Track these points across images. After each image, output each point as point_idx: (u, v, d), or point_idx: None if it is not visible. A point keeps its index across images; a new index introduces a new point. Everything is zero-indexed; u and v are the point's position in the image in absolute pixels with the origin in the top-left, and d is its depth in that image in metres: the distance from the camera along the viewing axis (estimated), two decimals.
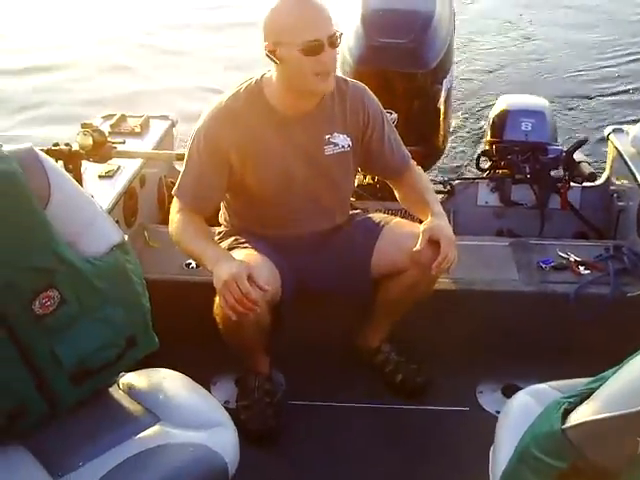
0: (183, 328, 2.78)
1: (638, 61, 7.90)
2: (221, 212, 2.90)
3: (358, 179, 3.90)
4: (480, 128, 5.89)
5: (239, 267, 2.38)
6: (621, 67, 7.79)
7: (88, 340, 1.92)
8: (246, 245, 2.70)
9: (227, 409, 2.09)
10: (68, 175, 2.13)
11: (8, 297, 1.82)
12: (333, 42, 2.45)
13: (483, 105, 6.52)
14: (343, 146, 2.70)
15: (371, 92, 2.77)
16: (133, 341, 2.01)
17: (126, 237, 2.07)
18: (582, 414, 1.59)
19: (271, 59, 2.50)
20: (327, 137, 2.67)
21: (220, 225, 2.92)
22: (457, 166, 5.46)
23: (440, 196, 3.97)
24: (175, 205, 2.69)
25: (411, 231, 2.73)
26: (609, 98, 7.02)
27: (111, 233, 2.05)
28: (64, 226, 1.93)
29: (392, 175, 2.89)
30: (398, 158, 2.83)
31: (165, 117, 3.99)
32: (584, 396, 1.67)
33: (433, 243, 2.60)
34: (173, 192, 2.72)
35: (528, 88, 6.93)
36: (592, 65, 7.84)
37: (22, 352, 1.85)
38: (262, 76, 2.64)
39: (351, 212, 2.98)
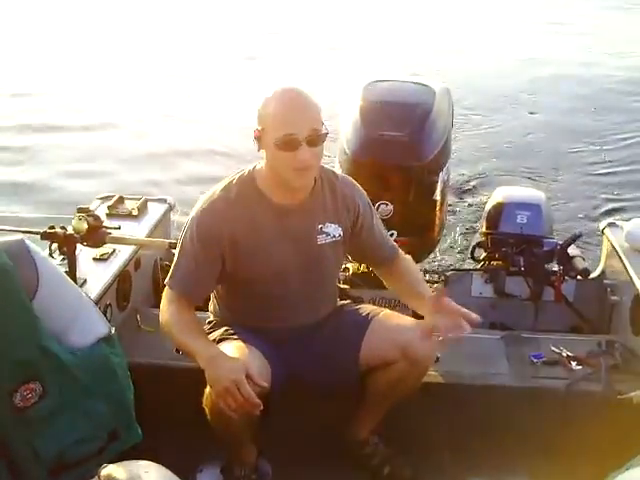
0: (170, 413, 2.77)
1: (633, 156, 8.01)
2: (211, 301, 2.91)
3: (353, 267, 3.93)
4: (476, 219, 5.94)
5: (238, 370, 2.36)
6: (619, 157, 7.90)
7: (68, 434, 1.90)
8: (236, 337, 2.70)
9: None
10: (57, 267, 2.14)
11: None
12: (312, 140, 2.46)
13: (480, 197, 6.58)
14: (334, 235, 2.73)
15: (359, 186, 2.84)
16: (115, 435, 2.00)
17: (113, 330, 2.07)
18: None
19: (255, 144, 2.55)
20: (319, 227, 2.70)
21: (209, 312, 2.94)
22: (452, 256, 5.49)
23: (435, 286, 4.00)
24: (166, 295, 2.69)
25: (400, 324, 2.75)
26: (606, 192, 7.09)
27: (98, 325, 2.05)
28: (50, 318, 1.93)
29: (382, 263, 2.93)
30: (387, 248, 2.89)
31: (163, 200, 4.03)
32: None
33: (424, 336, 2.63)
34: (165, 282, 2.73)
35: (525, 180, 7.06)
36: (590, 157, 7.95)
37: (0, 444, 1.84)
38: (254, 167, 2.68)
39: (340, 302, 2.99)
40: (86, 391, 1.94)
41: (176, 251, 2.72)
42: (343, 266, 3.83)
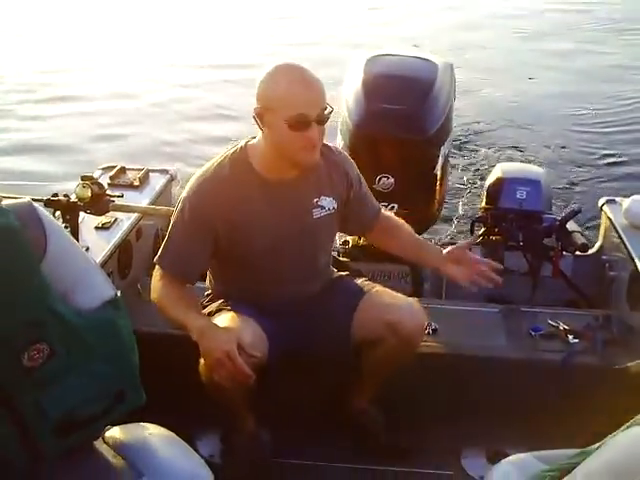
0: (171, 381, 2.79)
1: (633, 132, 8.01)
2: (207, 274, 2.92)
3: (352, 240, 3.95)
4: (476, 195, 5.95)
5: (229, 340, 2.37)
6: (618, 137, 7.92)
7: (75, 393, 1.91)
8: (232, 308, 2.71)
9: (212, 463, 2.10)
10: (65, 230, 2.16)
11: None
12: (321, 119, 2.47)
13: (480, 172, 6.60)
14: (329, 209, 2.73)
15: (349, 158, 2.86)
16: (121, 396, 2.01)
17: (119, 293, 2.08)
18: None
19: (257, 123, 2.53)
20: (315, 200, 2.70)
21: (206, 284, 2.95)
22: (451, 231, 5.52)
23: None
24: (157, 272, 2.68)
25: (390, 302, 2.78)
26: (605, 168, 7.12)
27: (104, 288, 2.06)
28: (58, 280, 1.94)
29: (366, 229, 2.99)
30: (372, 213, 2.94)
31: (165, 171, 4.03)
32: (564, 471, 1.68)
33: (415, 312, 2.72)
34: (155, 260, 2.71)
35: (526, 155, 7.06)
36: (591, 135, 7.96)
37: (6, 403, 1.85)
38: (246, 143, 2.66)
39: (337, 274, 3.01)
40: (93, 352, 1.95)
41: (168, 230, 2.71)
42: (343, 239, 3.85)
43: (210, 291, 2.92)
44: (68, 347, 1.91)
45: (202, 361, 2.55)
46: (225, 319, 2.61)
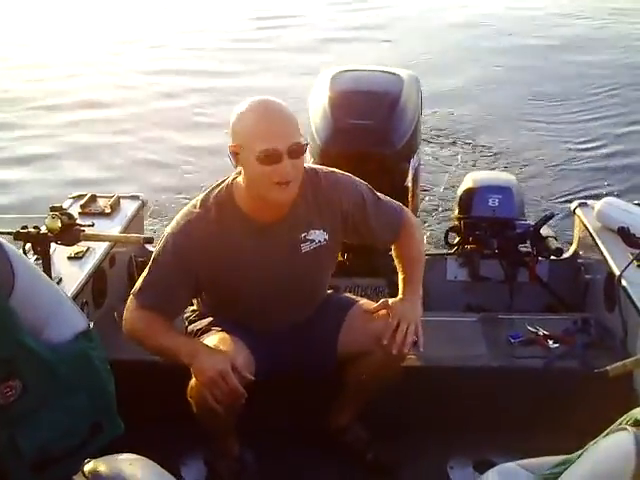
0: (152, 409, 2.76)
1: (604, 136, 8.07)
2: None
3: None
4: (449, 204, 5.96)
5: (223, 362, 2.38)
6: (587, 141, 7.97)
7: (50, 428, 1.88)
8: (220, 328, 2.69)
9: None
10: (32, 264, 2.13)
11: None
12: (294, 152, 2.40)
13: (451, 182, 6.62)
14: (319, 241, 2.67)
15: (342, 177, 2.76)
16: (98, 428, 1.98)
17: (91, 324, 2.06)
18: None
19: (231, 161, 2.48)
20: (303, 235, 2.65)
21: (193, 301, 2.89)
22: (425, 241, 5.52)
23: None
24: (133, 304, 2.64)
25: (377, 314, 2.76)
26: (576, 172, 7.16)
27: (76, 321, 2.03)
28: (28, 314, 1.91)
29: (384, 246, 2.97)
30: (387, 232, 2.83)
31: (136, 197, 4.01)
32: (550, 479, 1.68)
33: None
34: (133, 293, 2.66)
35: (496, 163, 7.09)
36: (561, 140, 8.00)
37: None
38: (233, 180, 2.60)
39: (329, 292, 2.99)
40: (67, 386, 1.92)
41: (148, 265, 2.66)
42: None
43: (196, 307, 2.88)
44: (41, 382, 1.88)
45: (192, 382, 2.54)
46: (215, 339, 2.60)
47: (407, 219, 2.86)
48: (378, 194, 2.81)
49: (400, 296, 2.73)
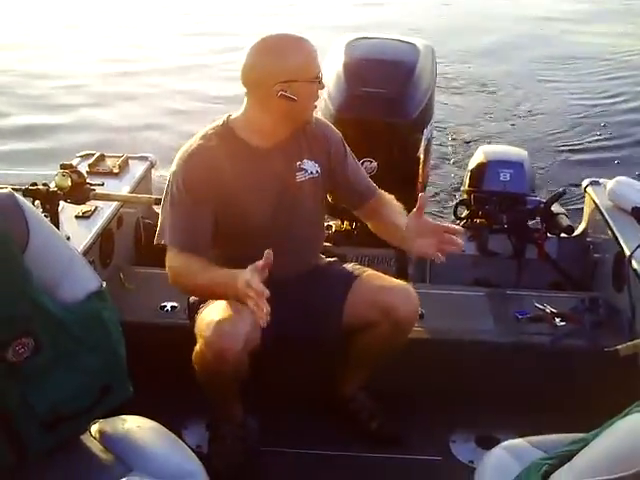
0: (155, 371, 2.75)
1: (616, 114, 8.01)
2: None
3: (336, 225, 3.93)
4: (459, 177, 5.94)
5: (247, 274, 2.33)
6: (600, 120, 7.92)
7: (62, 388, 1.89)
8: None
9: (199, 453, 2.07)
10: (47, 221, 2.11)
11: None
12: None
13: (462, 155, 6.59)
14: (312, 172, 2.73)
15: (331, 125, 2.88)
16: (108, 389, 1.98)
17: (104, 284, 2.04)
18: (563, 478, 1.58)
19: (287, 98, 2.52)
20: (298, 164, 2.71)
21: None
22: (435, 214, 5.50)
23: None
24: (171, 253, 2.61)
25: (383, 285, 2.76)
26: (588, 151, 7.13)
27: (89, 280, 2.03)
28: (41, 272, 1.90)
29: (359, 203, 2.90)
30: (363, 185, 2.87)
31: (144, 158, 3.98)
32: (564, 458, 1.67)
33: (409, 296, 2.69)
34: (166, 242, 2.62)
35: (508, 138, 7.05)
36: (573, 117, 7.96)
37: None
38: (228, 117, 2.68)
39: (325, 259, 2.98)
40: (79, 345, 1.92)
41: (163, 209, 2.65)
42: (326, 224, 3.82)
43: None
44: (54, 340, 1.88)
45: (197, 347, 2.55)
46: (219, 307, 2.58)
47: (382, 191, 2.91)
48: None
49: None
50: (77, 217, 3.30)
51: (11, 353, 1.82)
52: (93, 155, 3.81)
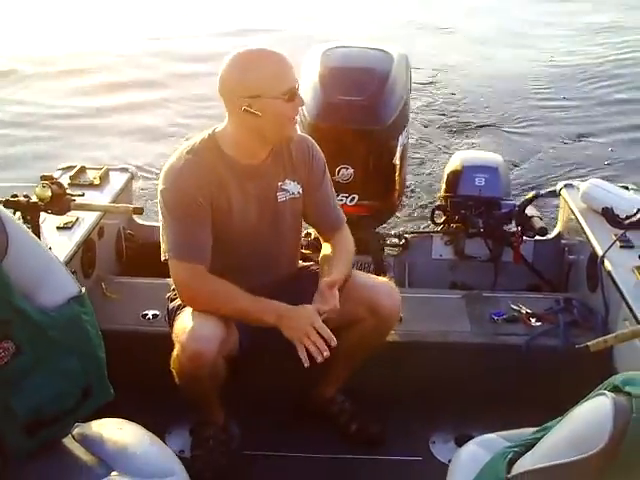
0: (138, 378, 2.79)
1: (589, 118, 8.11)
2: None
3: (314, 232, 3.97)
4: (435, 183, 5.99)
5: (312, 313, 2.50)
6: (573, 121, 8.02)
7: (43, 391, 1.92)
8: None
9: (181, 459, 2.09)
10: (25, 227, 2.15)
11: None
12: (299, 89, 2.60)
13: (438, 160, 6.65)
14: (293, 193, 2.77)
15: (317, 146, 2.86)
16: (88, 392, 2.02)
17: (83, 289, 2.08)
18: (526, 463, 1.63)
19: (251, 113, 2.54)
20: (279, 184, 2.75)
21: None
22: (412, 220, 5.56)
23: (395, 249, 4.07)
24: (180, 269, 2.63)
25: (366, 282, 2.80)
26: (563, 153, 7.20)
27: (68, 285, 2.06)
28: (21, 278, 1.94)
29: (325, 230, 2.93)
30: (334, 215, 2.90)
31: (125, 169, 4.02)
32: (529, 445, 1.71)
33: (392, 291, 2.78)
34: (169, 256, 2.64)
35: (483, 143, 7.11)
36: (545, 120, 8.05)
37: None
38: (213, 130, 2.69)
39: (304, 264, 3.03)
40: (59, 349, 1.95)
41: (162, 226, 2.67)
42: (305, 231, 3.87)
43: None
44: (34, 344, 1.91)
45: (175, 353, 2.59)
46: (194, 312, 2.61)
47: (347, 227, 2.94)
48: None
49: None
50: (58, 228, 3.33)
51: None
52: (74, 167, 3.84)
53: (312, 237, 3.92)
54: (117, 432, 2.08)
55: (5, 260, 1.93)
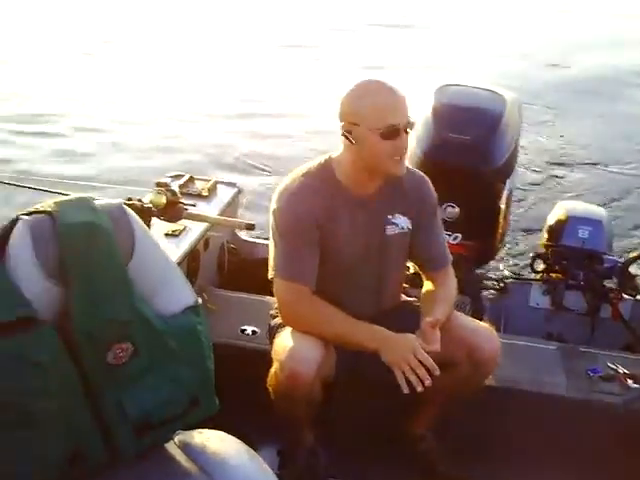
0: (232, 392, 2.80)
1: None
2: None
3: (414, 267, 3.95)
4: (535, 229, 5.91)
5: (412, 340, 2.50)
6: None
7: (154, 395, 1.96)
8: None
9: None
10: (151, 233, 2.19)
11: (85, 346, 1.87)
12: (407, 128, 2.56)
13: (542, 208, 6.55)
14: (403, 227, 2.77)
15: (430, 184, 2.86)
16: (196, 401, 2.04)
17: (199, 300, 2.11)
18: None
19: (347, 138, 2.59)
20: (389, 217, 2.75)
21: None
22: (511, 265, 5.50)
23: (493, 292, 4.03)
24: (285, 288, 2.66)
25: (466, 324, 2.78)
26: None
27: (186, 294, 2.10)
28: (143, 282, 1.98)
29: (429, 268, 2.90)
30: (440, 254, 2.88)
31: (232, 184, 4.06)
32: None
33: (492, 338, 2.75)
34: (279, 275, 2.67)
35: (589, 195, 7.00)
36: None
37: (91, 400, 1.90)
38: (330, 156, 2.72)
39: (405, 298, 3.02)
40: (173, 356, 1.99)
41: (271, 245, 2.71)
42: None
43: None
44: (150, 348, 1.96)
45: (272, 370, 2.61)
46: (295, 332, 2.63)
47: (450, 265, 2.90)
48: None
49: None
50: (167, 235, 3.36)
51: (111, 356, 1.90)
52: (183, 176, 3.90)
53: (412, 272, 3.91)
54: (218, 443, 2.10)
55: (130, 263, 1.98)
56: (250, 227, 3.05)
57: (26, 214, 1.93)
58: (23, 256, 1.87)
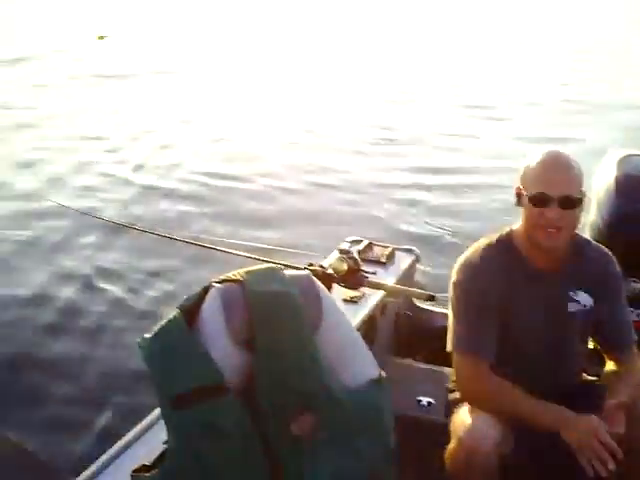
0: (406, 464, 2.79)
1: None
2: None
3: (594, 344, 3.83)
4: None
5: (595, 422, 2.43)
6: None
7: (335, 468, 1.97)
8: None
9: None
10: (338, 305, 2.22)
11: (270, 416, 1.92)
12: (563, 201, 2.51)
13: None
14: (585, 305, 2.69)
15: (615, 260, 2.77)
16: (376, 477, 2.05)
17: (383, 373, 2.13)
18: None
19: (517, 200, 2.62)
20: (570, 294, 2.68)
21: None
22: None
23: None
24: (466, 362, 2.66)
25: None
26: None
27: (370, 367, 2.12)
28: (329, 353, 2.02)
29: (612, 348, 2.80)
30: (623, 333, 2.77)
31: (410, 250, 4.07)
32: None
33: None
34: (461, 349, 2.66)
35: None
36: None
37: (273, 468, 1.93)
38: (511, 228, 2.71)
39: (586, 378, 2.92)
40: (355, 429, 2.00)
41: (451, 317, 2.71)
42: None
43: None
44: (334, 422, 1.98)
45: (452, 445, 2.57)
46: (475, 409, 2.61)
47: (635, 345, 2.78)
48: None
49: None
50: (345, 301, 3.39)
51: (295, 427, 1.94)
52: (361, 242, 3.95)
53: (591, 347, 3.79)
54: None
55: (317, 333, 2.02)
56: (431, 298, 3.06)
57: (218, 282, 2.02)
58: (214, 322, 1.96)
